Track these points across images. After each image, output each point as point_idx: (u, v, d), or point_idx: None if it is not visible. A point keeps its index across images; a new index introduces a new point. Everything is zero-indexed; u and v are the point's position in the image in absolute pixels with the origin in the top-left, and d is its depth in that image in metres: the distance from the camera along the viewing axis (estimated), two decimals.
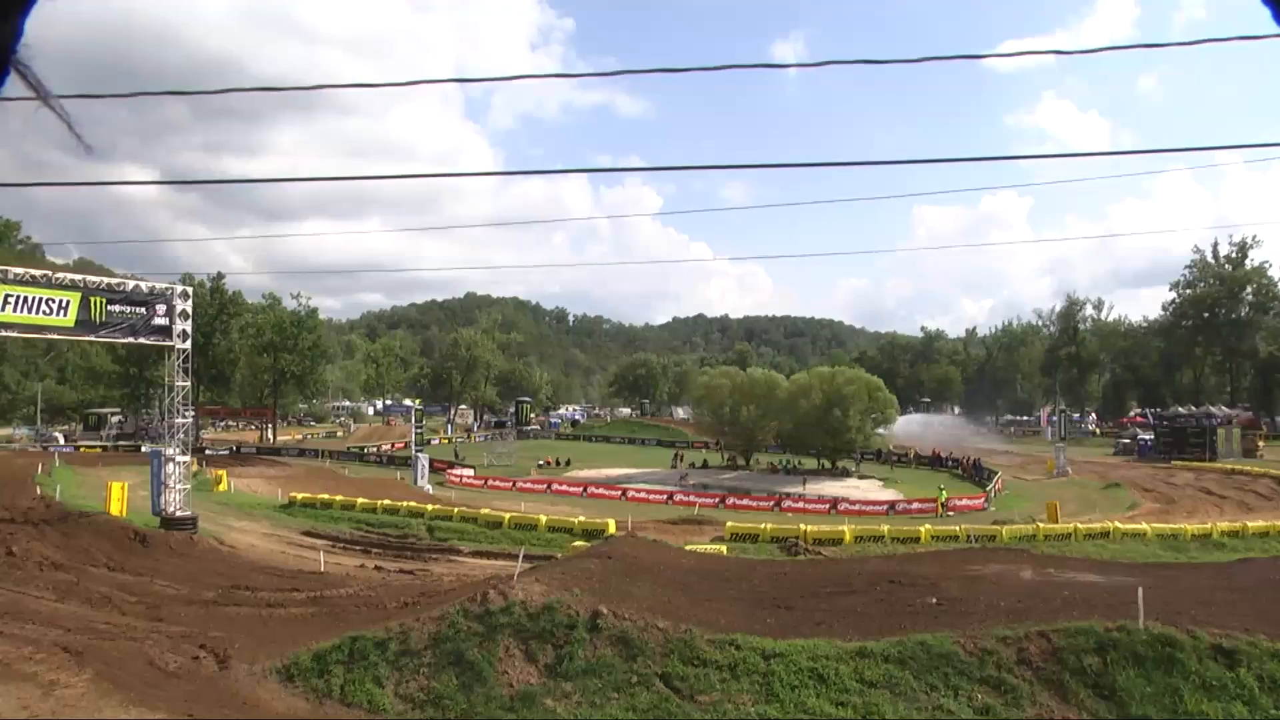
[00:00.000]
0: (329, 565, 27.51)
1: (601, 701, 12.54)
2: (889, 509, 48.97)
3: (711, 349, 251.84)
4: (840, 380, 72.68)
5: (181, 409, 32.90)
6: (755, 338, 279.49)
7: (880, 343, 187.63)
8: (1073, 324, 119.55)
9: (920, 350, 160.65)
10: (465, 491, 55.63)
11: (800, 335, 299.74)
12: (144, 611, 19.79)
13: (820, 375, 76.39)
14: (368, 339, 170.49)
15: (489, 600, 14.75)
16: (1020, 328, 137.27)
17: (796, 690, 12.41)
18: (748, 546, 32.21)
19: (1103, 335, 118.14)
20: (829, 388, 71.63)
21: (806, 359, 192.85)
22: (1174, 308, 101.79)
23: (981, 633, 13.34)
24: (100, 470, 45.28)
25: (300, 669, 14.21)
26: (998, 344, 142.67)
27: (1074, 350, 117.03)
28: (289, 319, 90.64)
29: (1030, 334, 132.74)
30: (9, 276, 28.20)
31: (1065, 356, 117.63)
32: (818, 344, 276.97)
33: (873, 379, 75.87)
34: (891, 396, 76.68)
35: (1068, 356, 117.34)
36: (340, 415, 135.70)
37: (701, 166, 60.49)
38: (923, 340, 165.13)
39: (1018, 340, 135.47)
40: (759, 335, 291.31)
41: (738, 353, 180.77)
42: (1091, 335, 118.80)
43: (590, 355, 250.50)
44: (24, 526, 28.15)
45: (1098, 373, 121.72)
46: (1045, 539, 32.79)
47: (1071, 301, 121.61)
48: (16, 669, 14.17)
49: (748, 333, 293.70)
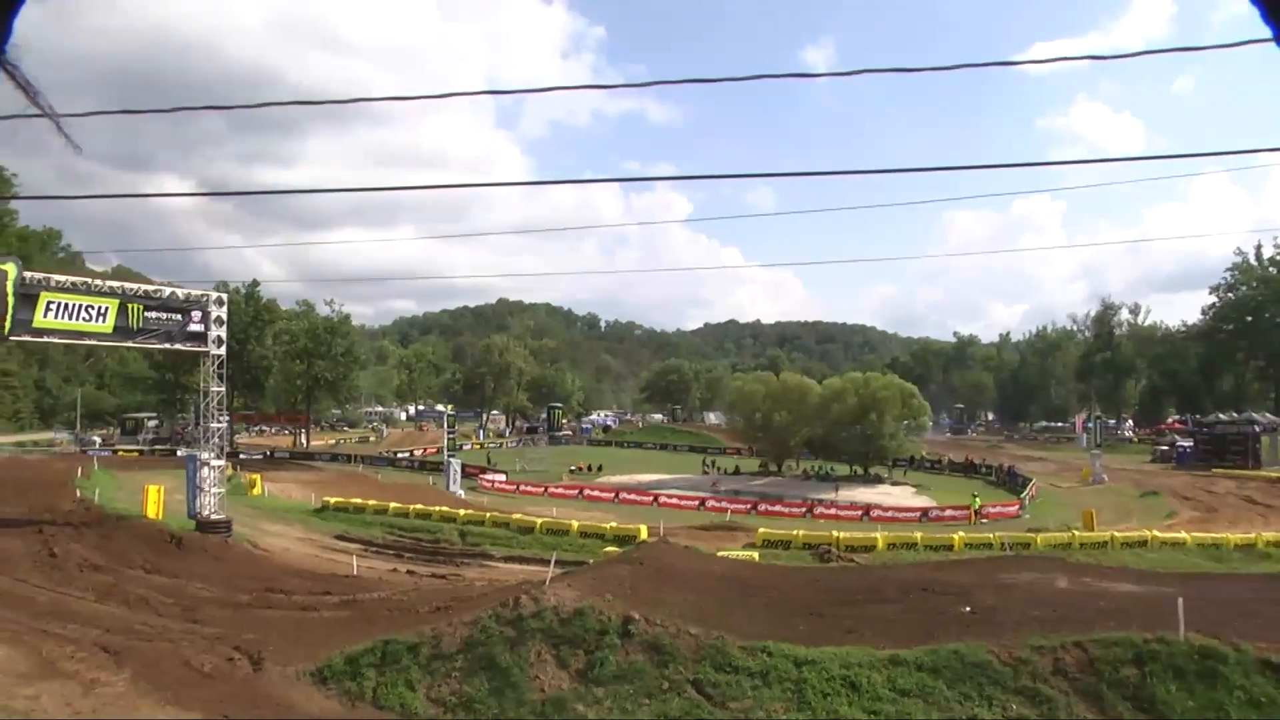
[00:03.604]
0: (362, 569, 27.65)
1: (633, 708, 12.51)
2: (922, 516, 48.74)
3: (743, 355, 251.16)
4: (874, 386, 72.44)
5: (216, 414, 33.21)
6: (787, 343, 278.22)
7: (913, 348, 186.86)
8: (1108, 329, 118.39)
9: (953, 356, 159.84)
10: (497, 497, 55.76)
11: (832, 341, 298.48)
12: (180, 613, 19.99)
13: (853, 381, 76.13)
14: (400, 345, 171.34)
15: (521, 605, 14.76)
16: (1054, 333, 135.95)
17: (829, 698, 12.34)
18: (780, 553, 32.11)
19: (1139, 340, 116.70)
20: (862, 393, 71.39)
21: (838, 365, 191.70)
22: (1214, 312, 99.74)
23: (1016, 642, 13.18)
24: (137, 474, 45.69)
25: (333, 671, 14.28)
26: (1031, 349, 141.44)
27: (1109, 356, 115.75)
28: (322, 325, 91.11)
29: (1064, 339, 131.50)
30: (50, 284, 28.61)
31: (1100, 362, 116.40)
32: (850, 350, 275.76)
33: (906, 385, 75.48)
34: (924, 403, 76.26)
35: (1103, 362, 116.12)
36: (373, 421, 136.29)
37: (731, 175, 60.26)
38: (955, 346, 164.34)
39: (1052, 346, 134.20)
40: (791, 341, 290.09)
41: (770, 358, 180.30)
42: (1127, 340, 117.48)
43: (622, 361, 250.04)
44: (64, 528, 28.53)
45: (1134, 378, 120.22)
46: (1081, 547, 32.44)
47: (1106, 306, 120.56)
48: (59, 667, 14.40)
49: (779, 338, 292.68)
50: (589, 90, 68.80)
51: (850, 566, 28.25)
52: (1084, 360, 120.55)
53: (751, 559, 28.02)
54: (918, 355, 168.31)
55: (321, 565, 28.69)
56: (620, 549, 28.81)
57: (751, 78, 7.06)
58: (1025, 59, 36.87)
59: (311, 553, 31.47)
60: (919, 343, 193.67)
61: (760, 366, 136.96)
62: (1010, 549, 31.88)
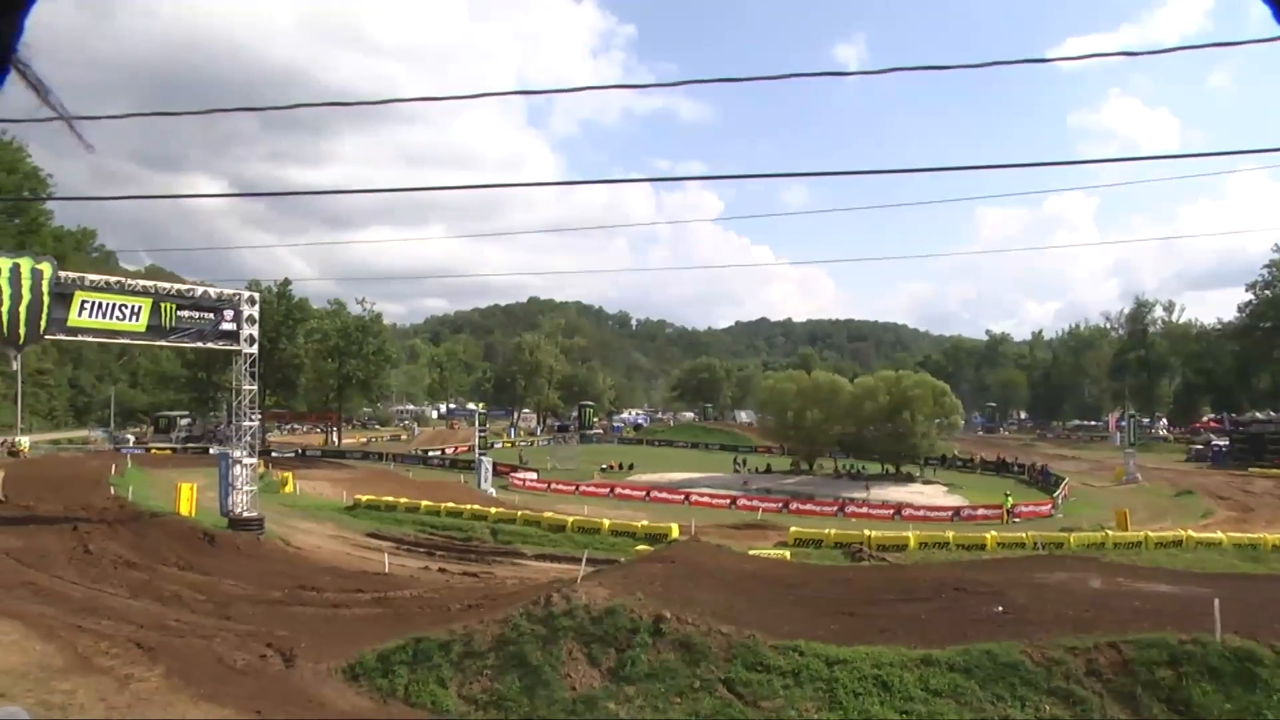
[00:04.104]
0: (393, 567, 27.74)
1: (664, 706, 12.50)
2: (954, 515, 48.51)
3: (774, 353, 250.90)
4: (905, 384, 72.15)
5: (248, 412, 33.43)
6: (818, 341, 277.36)
7: (944, 346, 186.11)
8: (1142, 326, 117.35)
9: (985, 354, 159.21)
10: (528, 495, 55.85)
11: (863, 339, 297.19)
12: (213, 610, 20.14)
13: (885, 379, 75.87)
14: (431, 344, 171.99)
15: (552, 603, 14.78)
16: (1087, 331, 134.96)
17: (860, 698, 12.28)
18: (811, 552, 31.98)
19: (1173, 338, 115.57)
20: (894, 392, 71.13)
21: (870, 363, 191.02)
22: (1251, 309, 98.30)
23: (1049, 642, 13.06)
24: (170, 472, 46.07)
25: (365, 668, 14.35)
26: (1064, 347, 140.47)
27: (1143, 354, 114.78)
28: (354, 324, 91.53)
29: (1097, 337, 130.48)
30: (85, 283, 28.92)
31: (1134, 360, 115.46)
32: (881, 348, 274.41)
33: (938, 383, 75.14)
34: (957, 401, 75.89)
35: (1137, 360, 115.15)
36: (404, 419, 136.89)
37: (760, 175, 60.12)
38: (987, 344, 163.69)
39: (1084, 344, 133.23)
40: (822, 339, 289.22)
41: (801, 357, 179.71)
42: (1161, 338, 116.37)
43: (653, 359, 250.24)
44: (99, 525, 28.82)
45: (1168, 377, 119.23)
46: (1114, 547, 32.11)
47: (1140, 304, 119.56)
48: (95, 663, 14.57)
49: (810, 336, 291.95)
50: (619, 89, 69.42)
51: (882, 566, 28.11)
52: (1117, 358, 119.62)
53: (783, 558, 27.95)
54: (949, 353, 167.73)
55: (353, 563, 28.81)
56: (651, 547, 28.83)
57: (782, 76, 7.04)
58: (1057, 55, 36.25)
59: (343, 550, 31.63)
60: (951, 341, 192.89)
61: (791, 365, 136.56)
62: (1043, 548, 31.62)
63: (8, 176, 44.58)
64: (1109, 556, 28.21)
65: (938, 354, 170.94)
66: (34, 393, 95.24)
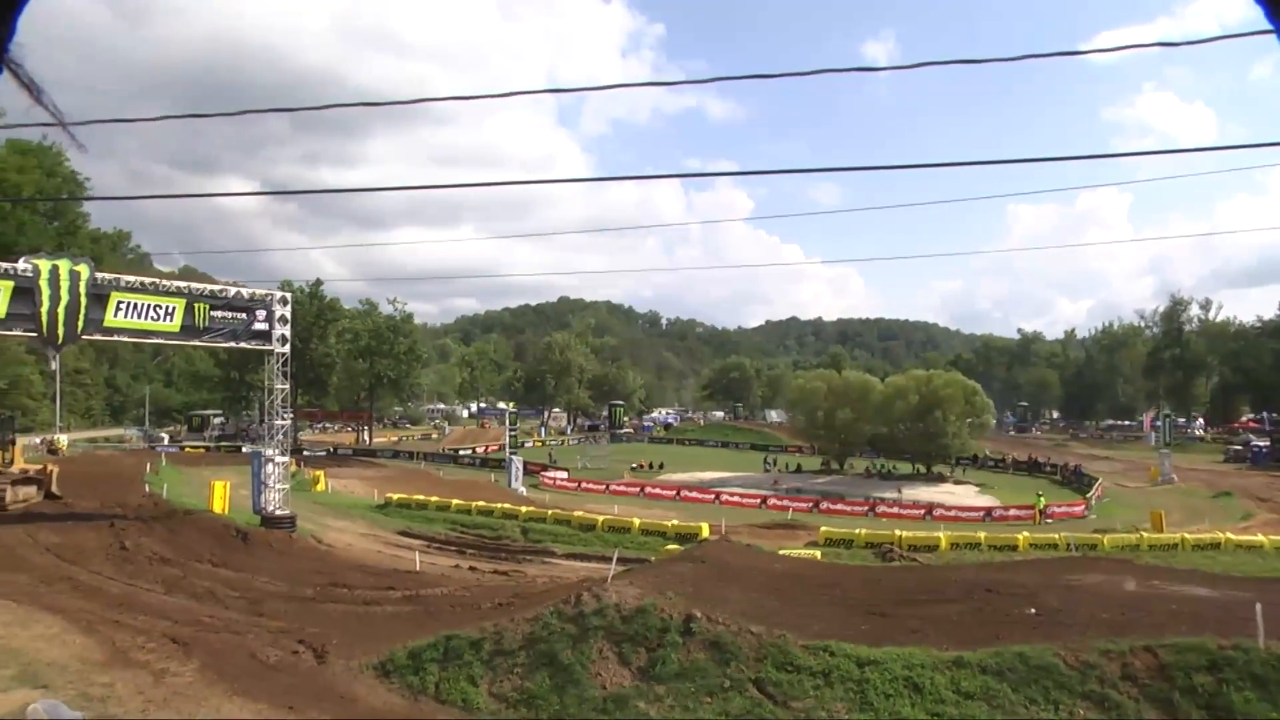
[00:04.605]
0: (424, 565, 27.87)
1: (694, 705, 12.48)
2: (985, 515, 48.29)
3: (805, 352, 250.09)
4: (936, 383, 71.89)
5: (280, 411, 33.66)
6: (849, 340, 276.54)
7: (975, 345, 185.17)
8: (1177, 325, 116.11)
9: (1017, 353, 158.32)
10: (559, 494, 55.99)
11: (894, 338, 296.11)
12: (246, 606, 20.32)
13: (916, 378, 75.60)
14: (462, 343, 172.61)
15: (583, 602, 14.80)
16: (1121, 329, 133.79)
17: (891, 699, 12.21)
18: (841, 552, 31.90)
19: (1210, 336, 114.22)
20: (925, 391, 70.87)
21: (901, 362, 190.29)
22: None
23: (1083, 645, 12.91)
24: (203, 470, 46.51)
25: (396, 666, 14.41)
26: (1097, 346, 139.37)
27: (1179, 352, 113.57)
28: (385, 324, 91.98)
29: (1132, 335, 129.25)
30: (120, 284, 29.24)
31: (1170, 359, 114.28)
32: (912, 347, 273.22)
33: (970, 383, 74.82)
34: (988, 401, 75.51)
35: (1172, 359, 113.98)
36: (435, 418, 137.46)
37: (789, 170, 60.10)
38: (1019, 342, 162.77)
39: (1118, 342, 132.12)
40: (852, 338, 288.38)
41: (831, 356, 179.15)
42: (1198, 336, 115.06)
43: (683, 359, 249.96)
44: (134, 522, 29.11)
45: (1205, 376, 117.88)
46: (1150, 549, 31.82)
47: (1176, 301, 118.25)
48: (132, 657, 14.75)
49: (841, 335, 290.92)
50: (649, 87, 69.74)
51: (913, 566, 27.99)
52: (1152, 357, 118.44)
53: (813, 558, 27.85)
54: (981, 352, 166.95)
55: (384, 561, 28.96)
56: (682, 547, 28.81)
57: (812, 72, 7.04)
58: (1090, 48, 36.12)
59: (374, 548, 31.80)
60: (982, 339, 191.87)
61: (822, 364, 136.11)
62: (1076, 550, 31.43)
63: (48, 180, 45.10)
64: (1144, 559, 27.93)
65: (969, 353, 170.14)
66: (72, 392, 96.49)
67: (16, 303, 26.76)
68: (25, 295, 26.85)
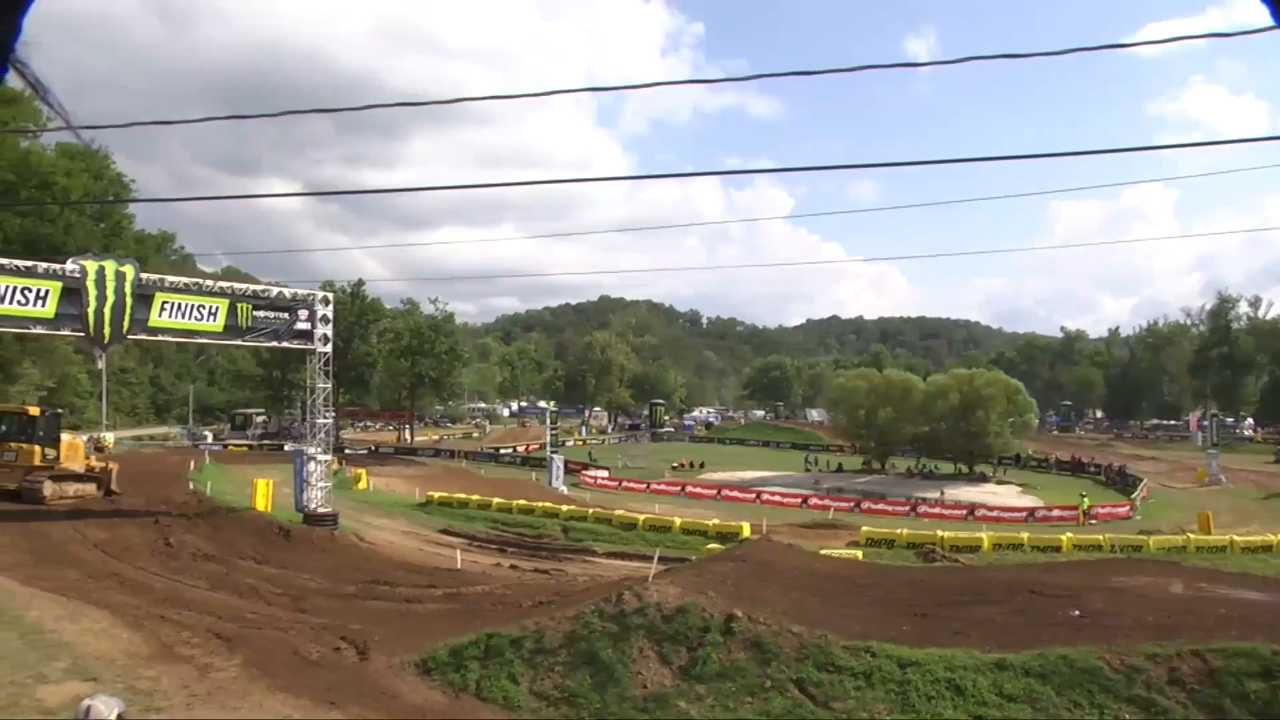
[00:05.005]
0: (465, 563, 27.98)
1: (735, 705, 12.46)
2: (1028, 516, 47.95)
3: (846, 351, 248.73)
4: (979, 382, 71.43)
5: (322, 410, 33.88)
6: (890, 339, 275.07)
7: (1018, 344, 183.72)
8: (1225, 322, 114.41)
9: (1060, 351, 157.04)
10: (600, 493, 56.13)
11: (935, 336, 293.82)
12: (288, 603, 20.48)
13: (957, 377, 75.16)
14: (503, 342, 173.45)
15: (624, 601, 14.81)
16: (1167, 327, 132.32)
17: (933, 701, 12.12)
18: (883, 552, 31.73)
19: (1260, 334, 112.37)
20: (966, 390, 70.43)
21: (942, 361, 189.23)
22: None
23: (1128, 649, 12.73)
24: (246, 468, 46.94)
25: (437, 663, 14.46)
26: (1142, 344, 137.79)
27: (1227, 351, 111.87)
28: (426, 324, 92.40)
29: (1178, 334, 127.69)
30: (165, 285, 29.59)
31: (1217, 357, 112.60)
32: (954, 345, 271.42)
33: (1012, 381, 74.32)
34: (1031, 400, 74.92)
35: (1220, 357, 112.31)
36: (476, 417, 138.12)
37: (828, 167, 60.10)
38: (1062, 341, 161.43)
39: (1164, 340, 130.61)
40: (893, 337, 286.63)
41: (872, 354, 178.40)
42: (1246, 334, 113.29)
43: (724, 357, 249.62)
44: (179, 519, 29.43)
45: (1254, 374, 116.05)
46: (1197, 551, 31.41)
47: (1223, 299, 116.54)
48: (176, 651, 14.95)
49: (882, 334, 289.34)
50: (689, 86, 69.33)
51: (955, 567, 27.79)
52: (1199, 355, 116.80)
53: (855, 558, 27.73)
54: (1023, 351, 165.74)
55: (426, 559, 29.08)
56: (723, 546, 28.77)
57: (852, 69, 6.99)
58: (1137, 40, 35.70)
59: (416, 546, 31.96)
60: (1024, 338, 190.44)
61: (863, 363, 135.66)
62: (1121, 551, 31.07)
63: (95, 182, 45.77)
64: (1191, 561, 27.57)
65: (1011, 351, 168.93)
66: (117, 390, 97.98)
67: (65, 303, 27.13)
68: (73, 296, 27.22)
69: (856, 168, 13.48)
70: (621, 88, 12.55)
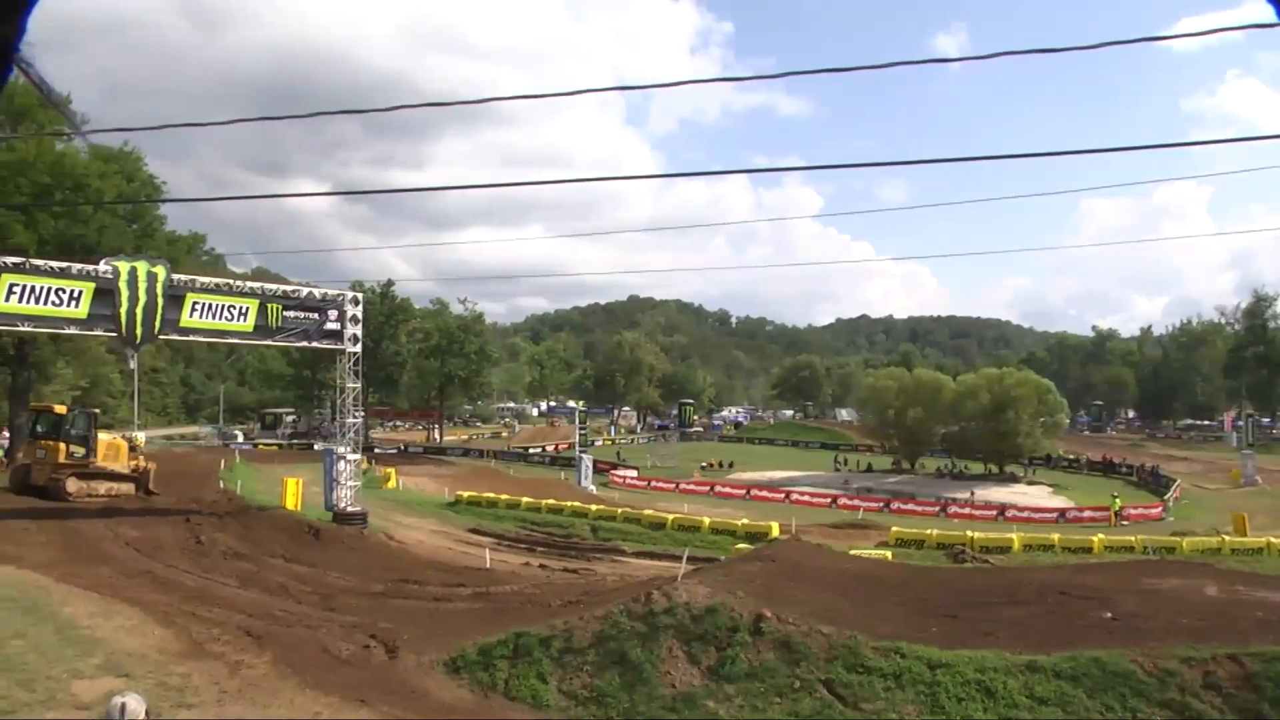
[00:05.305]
0: (494, 562, 28.07)
1: (763, 705, 12.44)
2: (1059, 517, 47.64)
3: (875, 350, 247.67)
4: (1009, 382, 71.02)
5: (352, 410, 34.03)
6: (920, 339, 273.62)
7: (1049, 343, 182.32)
8: (1261, 321, 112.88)
9: (1091, 351, 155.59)
10: (628, 492, 56.17)
11: (965, 336, 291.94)
12: (318, 601, 20.62)
13: (988, 377, 74.78)
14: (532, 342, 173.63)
15: (652, 601, 14.80)
16: (1200, 326, 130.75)
17: (963, 703, 12.05)
18: (912, 552, 31.60)
19: None
20: (996, 390, 70.07)
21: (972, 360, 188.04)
22: None
23: (1162, 652, 12.59)
24: (276, 467, 47.16)
25: (466, 662, 14.51)
26: (1175, 343, 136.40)
27: (1263, 350, 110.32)
28: (455, 324, 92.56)
29: (1212, 333, 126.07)
30: (196, 285, 29.81)
31: (1252, 356, 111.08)
32: (984, 345, 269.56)
33: (1043, 381, 73.84)
34: (1061, 400, 74.41)
35: (1255, 357, 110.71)
36: (505, 416, 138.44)
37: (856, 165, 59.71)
38: (1094, 340, 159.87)
39: (1197, 340, 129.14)
40: (923, 336, 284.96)
41: (902, 354, 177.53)
42: None
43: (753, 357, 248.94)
44: (209, 518, 29.65)
45: None
46: (1232, 553, 31.01)
47: (1259, 297, 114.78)
48: (208, 648, 15.08)
49: (911, 333, 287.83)
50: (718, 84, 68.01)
51: (985, 568, 27.60)
52: (1234, 355, 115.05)
53: (884, 558, 27.61)
54: (1054, 350, 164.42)
55: (455, 558, 29.18)
56: (752, 546, 28.68)
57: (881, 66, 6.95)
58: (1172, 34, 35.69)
59: (445, 545, 32.07)
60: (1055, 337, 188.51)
61: (893, 362, 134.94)
62: (1154, 553, 30.74)
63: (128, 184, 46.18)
64: (1226, 563, 27.17)
65: (1042, 351, 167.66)
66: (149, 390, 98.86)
67: (97, 303, 27.39)
68: (106, 296, 27.48)
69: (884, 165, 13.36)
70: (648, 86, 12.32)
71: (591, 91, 35.09)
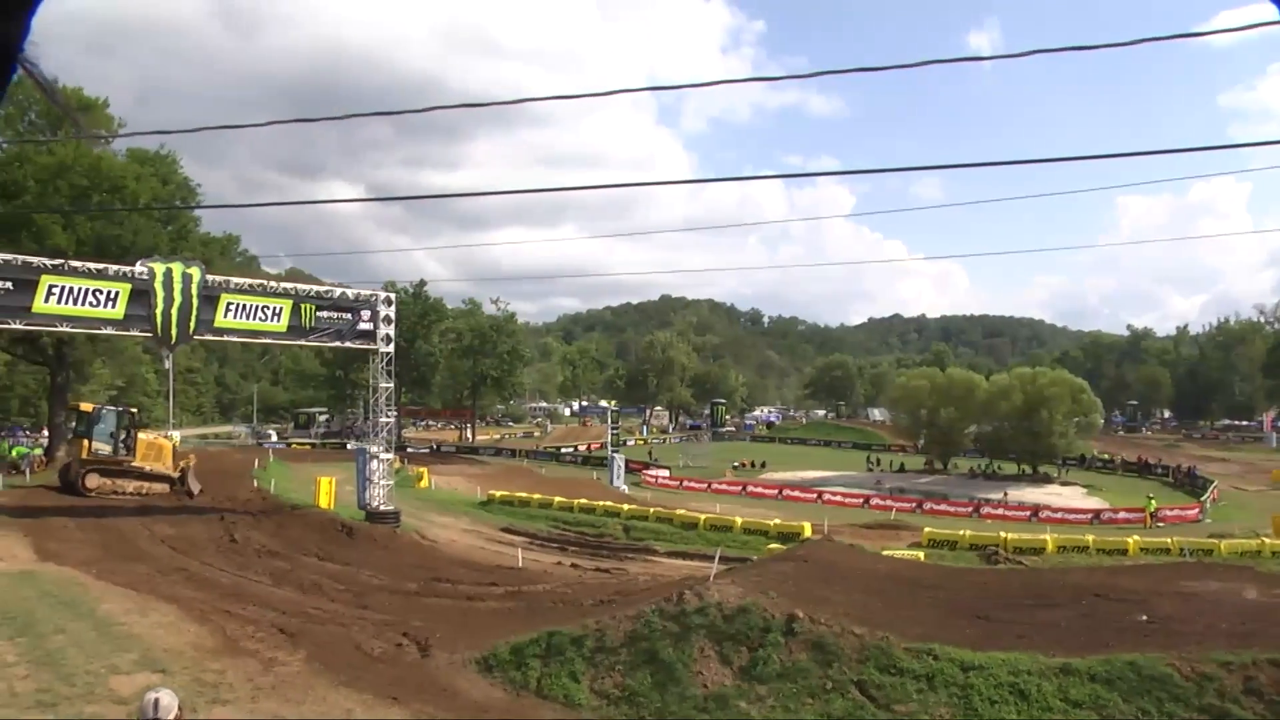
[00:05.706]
0: (526, 561, 28.16)
1: (795, 706, 12.38)
2: (1093, 518, 47.27)
3: (908, 350, 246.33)
4: (1042, 382, 70.55)
5: (385, 409, 34.25)
6: (952, 338, 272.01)
7: (1083, 342, 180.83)
8: None
9: (1126, 350, 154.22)
10: (661, 492, 56.18)
11: (998, 335, 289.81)
12: (351, 599, 20.75)
13: (1021, 376, 74.28)
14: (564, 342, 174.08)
15: (685, 600, 14.79)
16: (1238, 325, 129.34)
17: (996, 705, 11.93)
18: (945, 553, 31.45)
19: None
20: (1030, 390, 69.59)
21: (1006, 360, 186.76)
22: None
23: (1200, 656, 12.36)
24: (309, 466, 47.58)
25: (498, 660, 14.54)
26: (1212, 343, 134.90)
27: None
28: (488, 324, 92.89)
29: (1250, 332, 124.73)
30: (230, 286, 30.13)
31: None
32: (1017, 344, 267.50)
33: (1076, 380, 73.26)
34: (1096, 400, 73.77)
35: None
36: (537, 416, 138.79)
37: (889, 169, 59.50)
38: (1129, 339, 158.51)
39: (1235, 339, 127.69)
40: (956, 335, 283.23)
41: (934, 353, 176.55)
42: None
43: (785, 357, 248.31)
44: (244, 516, 29.97)
45: None
46: (1272, 556, 30.58)
47: None
48: (242, 645, 15.23)
49: (944, 332, 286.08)
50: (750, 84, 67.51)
51: (1018, 569, 27.42)
52: (1273, 354, 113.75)
53: (917, 559, 27.50)
54: (1088, 349, 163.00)
55: (487, 557, 29.30)
56: (784, 546, 28.62)
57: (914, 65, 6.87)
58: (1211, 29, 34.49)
59: (477, 544, 32.20)
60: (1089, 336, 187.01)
61: (925, 362, 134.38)
62: (1191, 555, 30.42)
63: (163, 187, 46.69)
64: (1266, 566, 26.73)
65: (1076, 350, 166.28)
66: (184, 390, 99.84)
67: (134, 304, 27.76)
68: (142, 297, 27.84)
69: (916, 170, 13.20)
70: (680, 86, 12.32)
71: (623, 92, 35.14)
